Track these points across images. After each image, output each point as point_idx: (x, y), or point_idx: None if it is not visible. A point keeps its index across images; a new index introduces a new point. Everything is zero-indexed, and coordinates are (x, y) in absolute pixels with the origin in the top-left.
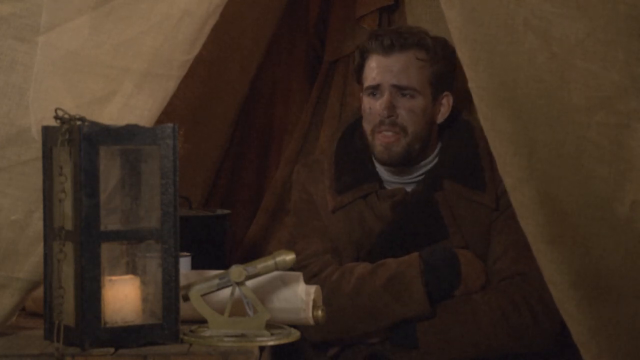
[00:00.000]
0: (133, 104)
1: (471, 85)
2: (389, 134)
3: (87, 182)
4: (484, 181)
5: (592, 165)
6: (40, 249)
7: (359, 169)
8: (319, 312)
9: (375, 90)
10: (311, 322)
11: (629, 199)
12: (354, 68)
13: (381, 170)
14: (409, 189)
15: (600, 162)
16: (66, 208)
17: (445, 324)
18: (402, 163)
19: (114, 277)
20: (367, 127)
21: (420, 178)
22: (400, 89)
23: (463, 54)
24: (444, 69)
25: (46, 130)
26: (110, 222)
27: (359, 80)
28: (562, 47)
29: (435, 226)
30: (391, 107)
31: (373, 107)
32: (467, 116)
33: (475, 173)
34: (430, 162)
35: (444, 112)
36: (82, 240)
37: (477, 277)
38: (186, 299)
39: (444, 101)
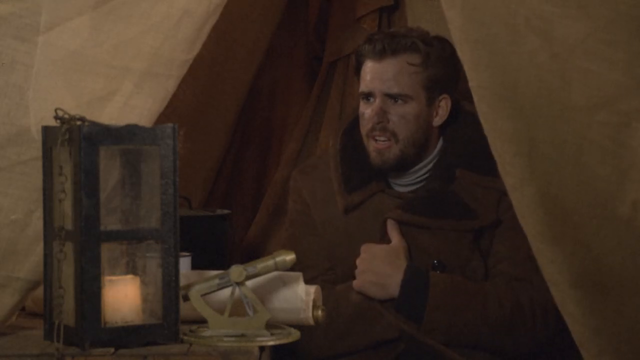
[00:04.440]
0: (133, 103)
1: (472, 84)
2: (382, 139)
3: (87, 182)
4: (496, 167)
5: (593, 165)
6: (40, 249)
7: (365, 169)
8: (319, 312)
9: (368, 96)
10: (311, 322)
11: (630, 199)
12: (354, 70)
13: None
14: (409, 189)
15: (602, 162)
16: (66, 208)
17: (456, 307)
18: (396, 168)
19: (114, 277)
20: (362, 131)
21: (419, 179)
22: (391, 97)
23: (464, 54)
24: (440, 72)
25: (46, 130)
26: (110, 222)
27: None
28: (563, 47)
29: (461, 211)
30: (381, 113)
31: (366, 112)
32: (468, 106)
33: (486, 160)
34: (428, 162)
35: (442, 115)
36: (82, 240)
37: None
38: (186, 299)
39: (442, 104)
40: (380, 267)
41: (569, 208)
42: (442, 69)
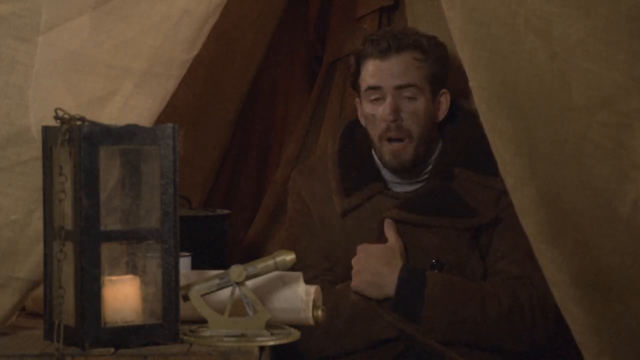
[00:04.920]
0: (133, 103)
1: (472, 85)
2: (397, 138)
3: (87, 182)
4: (495, 166)
5: (593, 165)
6: (40, 249)
7: (363, 170)
8: (319, 312)
9: (376, 93)
10: (311, 322)
11: (630, 199)
12: (350, 73)
13: (384, 171)
14: (409, 189)
15: (602, 162)
16: (66, 208)
17: (454, 305)
18: (410, 168)
19: (114, 277)
20: (373, 133)
21: (419, 178)
22: (402, 88)
23: (464, 54)
24: (440, 67)
25: (46, 130)
26: (110, 222)
27: (355, 86)
28: (563, 47)
29: (460, 209)
30: (396, 111)
31: (376, 112)
32: (466, 105)
33: (485, 159)
34: (430, 162)
35: (443, 109)
36: (82, 240)
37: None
38: (186, 299)
39: (443, 99)
40: (376, 267)
41: (569, 208)
42: (442, 64)
